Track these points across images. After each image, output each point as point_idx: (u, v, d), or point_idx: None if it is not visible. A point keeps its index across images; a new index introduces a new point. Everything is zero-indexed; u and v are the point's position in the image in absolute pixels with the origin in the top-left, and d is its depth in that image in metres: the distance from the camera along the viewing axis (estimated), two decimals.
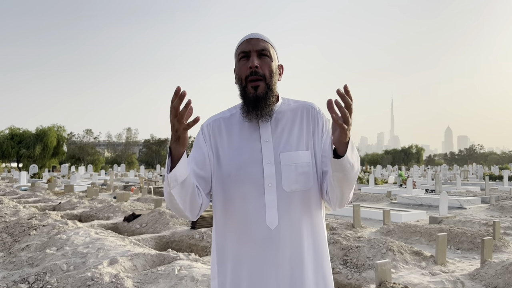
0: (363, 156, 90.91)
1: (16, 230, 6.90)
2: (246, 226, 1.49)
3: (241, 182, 1.51)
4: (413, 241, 7.99)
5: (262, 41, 1.56)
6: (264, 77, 1.52)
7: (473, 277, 5.27)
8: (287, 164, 1.51)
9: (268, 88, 1.52)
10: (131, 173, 36.79)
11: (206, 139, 1.59)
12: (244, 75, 1.53)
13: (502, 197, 16.27)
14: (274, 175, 1.50)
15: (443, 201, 10.81)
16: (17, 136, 48.87)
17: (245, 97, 1.53)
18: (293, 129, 1.57)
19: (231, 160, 1.53)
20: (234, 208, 1.51)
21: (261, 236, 1.47)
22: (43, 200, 14.43)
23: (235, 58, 1.60)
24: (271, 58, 1.56)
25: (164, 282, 4.21)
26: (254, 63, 1.50)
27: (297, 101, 1.65)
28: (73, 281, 4.28)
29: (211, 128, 1.60)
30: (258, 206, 1.49)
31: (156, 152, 72.46)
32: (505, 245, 7.51)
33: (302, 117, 1.60)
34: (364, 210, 12.00)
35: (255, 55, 1.53)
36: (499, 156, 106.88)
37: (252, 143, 1.54)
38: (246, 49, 1.54)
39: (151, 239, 7.64)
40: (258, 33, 1.59)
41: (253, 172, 1.50)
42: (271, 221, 1.48)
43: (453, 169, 52.66)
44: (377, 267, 4.67)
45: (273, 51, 1.58)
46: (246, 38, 1.57)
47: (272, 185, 1.49)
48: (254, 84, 1.51)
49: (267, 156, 1.52)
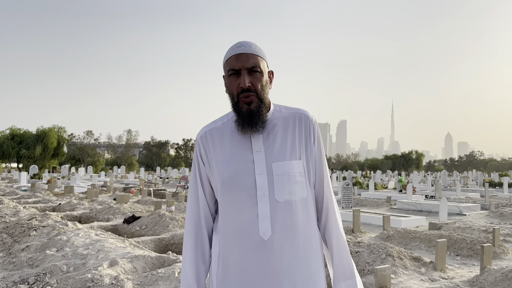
0: (363, 161, 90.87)
1: (16, 231, 6.90)
2: (239, 236, 1.50)
3: (234, 193, 1.52)
4: (413, 247, 7.99)
5: (252, 57, 1.53)
6: (256, 92, 1.52)
7: (473, 283, 5.27)
8: (279, 174, 1.51)
9: (260, 101, 1.52)
10: (131, 175, 36.78)
11: (202, 152, 1.61)
12: (235, 91, 1.53)
13: (502, 204, 16.26)
14: (266, 185, 1.50)
15: (442, 207, 10.81)
16: (17, 137, 48.87)
17: (238, 112, 1.53)
18: (285, 138, 1.57)
19: (224, 170, 1.54)
20: (227, 218, 1.53)
21: (254, 247, 1.48)
22: (43, 201, 14.43)
23: (224, 70, 1.59)
24: (262, 73, 1.54)
25: (164, 284, 4.22)
26: (245, 83, 1.49)
27: (290, 109, 1.64)
28: (73, 282, 4.28)
29: (204, 139, 1.61)
30: (251, 217, 1.49)
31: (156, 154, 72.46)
32: (505, 252, 7.51)
33: (294, 126, 1.59)
34: (364, 215, 12.00)
35: (246, 74, 1.51)
36: (499, 163, 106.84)
37: (244, 153, 1.54)
38: (236, 66, 1.52)
39: (151, 241, 7.64)
40: (247, 44, 1.55)
41: (245, 182, 1.51)
42: (264, 232, 1.48)
43: (453, 175, 52.63)
44: (376, 272, 4.67)
45: (263, 64, 1.55)
46: (235, 53, 1.53)
47: (265, 196, 1.50)
48: (247, 100, 1.51)
49: (259, 166, 1.52)
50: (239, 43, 1.55)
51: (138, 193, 19.29)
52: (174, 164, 72.57)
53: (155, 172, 51.32)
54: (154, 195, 19.27)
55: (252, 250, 1.48)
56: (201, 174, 1.62)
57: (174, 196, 17.74)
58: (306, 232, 1.53)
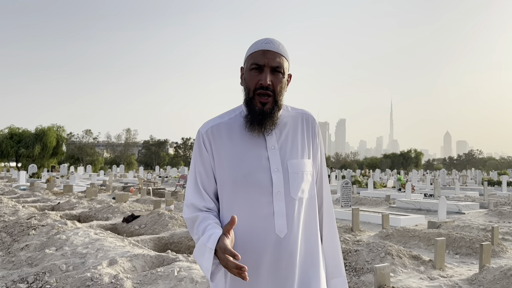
0: (362, 160, 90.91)
1: (15, 230, 6.90)
2: (254, 234, 1.47)
3: (248, 190, 1.48)
4: (412, 245, 8.00)
5: (279, 56, 1.51)
6: (274, 93, 1.50)
7: (471, 282, 5.28)
8: (294, 172, 1.52)
9: (275, 103, 1.51)
10: (130, 174, 36.77)
11: (207, 147, 1.55)
12: (253, 86, 1.50)
13: (501, 203, 16.28)
14: (282, 183, 1.49)
15: (441, 205, 10.83)
16: (16, 136, 48.81)
17: (250, 109, 1.51)
18: (296, 137, 1.58)
19: (236, 167, 1.50)
20: (241, 215, 1.48)
21: (270, 244, 1.46)
22: (42, 200, 14.42)
23: (246, 62, 1.55)
24: (284, 74, 1.52)
25: (163, 283, 4.22)
26: (267, 81, 1.47)
27: (295, 109, 1.65)
28: (73, 281, 4.28)
29: (210, 133, 1.56)
30: (267, 214, 1.47)
31: (155, 153, 72.44)
32: (504, 251, 7.52)
33: (302, 126, 1.61)
34: (363, 214, 12.01)
35: (269, 71, 1.49)
36: (497, 161, 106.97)
37: (258, 150, 1.52)
38: (261, 62, 1.49)
39: (150, 240, 7.64)
40: (275, 43, 1.53)
41: (261, 179, 1.48)
42: (280, 230, 1.47)
43: (452, 174, 52.66)
44: (376, 271, 4.68)
45: (286, 65, 1.54)
46: (263, 48, 1.51)
47: (281, 193, 1.49)
48: (263, 100, 1.49)
49: (274, 163, 1.50)
50: (267, 39, 1.53)
51: (137, 192, 19.28)
52: (173, 163, 72.54)
53: (154, 171, 51.30)
54: (153, 194, 19.27)
55: (268, 248, 1.46)
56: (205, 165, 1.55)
57: (173, 195, 17.73)
58: (314, 230, 1.57)
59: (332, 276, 1.62)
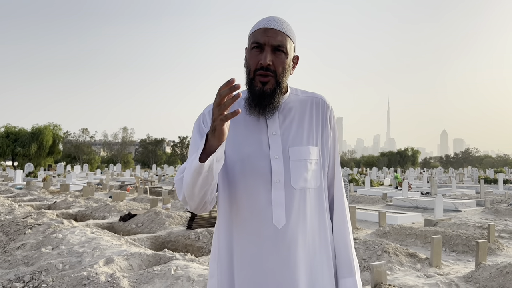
0: (359, 158, 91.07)
1: (11, 229, 6.87)
2: (251, 224, 1.40)
3: (246, 177, 1.41)
4: (409, 243, 8.02)
5: (280, 34, 1.41)
6: (275, 74, 1.40)
7: (468, 279, 5.30)
8: (296, 160, 1.43)
9: (277, 85, 1.41)
10: (127, 173, 36.71)
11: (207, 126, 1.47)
12: (253, 67, 1.41)
13: (497, 200, 16.35)
14: (282, 171, 1.41)
15: (438, 203, 10.86)
16: (12, 135, 48.63)
17: (250, 89, 1.42)
18: (302, 122, 1.48)
19: (235, 152, 1.43)
20: (239, 204, 1.42)
21: (267, 235, 1.38)
22: (39, 199, 14.38)
23: (248, 42, 1.46)
24: (287, 54, 1.42)
25: (160, 282, 4.21)
26: (266, 61, 1.38)
27: (306, 92, 1.54)
28: (69, 280, 4.27)
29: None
30: (264, 204, 1.39)
31: (152, 152, 72.32)
32: (500, 248, 7.55)
33: (311, 110, 1.50)
34: (360, 212, 12.03)
35: (269, 50, 1.39)
36: (494, 159, 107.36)
37: (258, 135, 1.44)
38: (261, 40, 1.40)
39: (147, 239, 7.63)
40: (278, 20, 1.43)
41: (259, 166, 1.41)
42: (278, 220, 1.39)
43: (449, 172, 52.83)
44: (372, 268, 4.69)
45: (290, 45, 1.43)
46: (264, 26, 1.41)
47: (280, 182, 1.40)
48: (263, 80, 1.39)
49: (274, 150, 1.42)
50: (271, 17, 1.44)
51: (134, 191, 19.25)
52: (170, 162, 72.49)
53: (151, 170, 51.25)
54: (150, 192, 19.24)
55: (264, 239, 1.38)
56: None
57: (170, 194, 17.71)
58: (319, 223, 1.46)
59: (342, 275, 1.48)
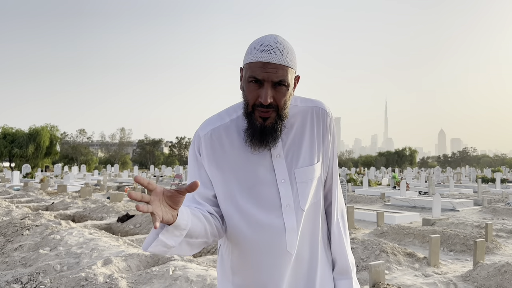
0: (357, 158, 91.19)
1: (9, 230, 6.85)
2: (263, 253, 1.33)
3: (253, 205, 1.34)
4: (407, 243, 8.03)
5: (282, 68, 1.27)
6: (277, 108, 1.30)
7: (466, 278, 5.31)
8: (303, 182, 1.37)
9: (278, 117, 1.31)
10: (125, 174, 36.69)
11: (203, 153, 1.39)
12: (252, 101, 1.30)
13: (495, 200, 16.40)
14: (291, 195, 1.35)
15: (436, 203, 10.88)
16: (9, 136, 48.53)
17: (250, 123, 1.32)
18: (304, 139, 1.41)
19: (240, 179, 1.35)
20: (247, 233, 1.34)
21: (281, 264, 1.34)
22: (36, 200, 14.34)
23: (244, 70, 1.33)
24: (288, 87, 1.30)
25: (158, 282, 4.21)
26: (267, 100, 1.26)
27: (305, 101, 1.45)
28: (67, 281, 4.26)
29: (209, 139, 1.38)
30: (277, 231, 1.33)
31: (149, 153, 72.27)
32: (497, 247, 7.57)
33: (312, 122, 1.42)
34: (358, 212, 12.05)
35: (269, 87, 1.27)
36: (491, 158, 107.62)
37: (261, 160, 1.35)
38: (260, 76, 1.26)
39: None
40: (278, 50, 1.28)
41: (267, 193, 1.34)
42: (291, 246, 1.34)
43: (446, 172, 52.95)
44: (371, 268, 4.69)
45: (291, 75, 1.31)
46: (262, 60, 1.27)
47: (290, 206, 1.34)
48: (263, 115, 1.29)
49: (280, 173, 1.35)
50: (268, 46, 1.28)
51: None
52: (168, 162, 72.42)
53: (149, 171, 51.17)
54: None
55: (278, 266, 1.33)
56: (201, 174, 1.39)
57: None
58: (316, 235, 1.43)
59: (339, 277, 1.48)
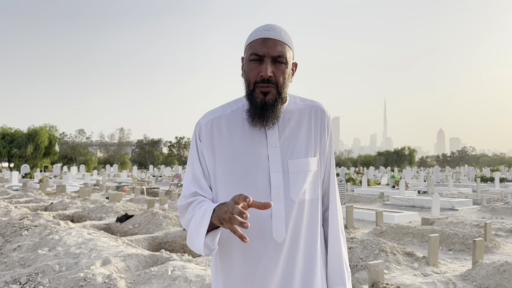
0: (356, 158, 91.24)
1: (7, 231, 6.84)
2: (250, 238, 1.37)
3: (244, 190, 1.38)
4: (406, 242, 8.03)
5: (280, 44, 1.38)
6: (277, 85, 1.38)
7: (465, 278, 5.31)
8: (295, 172, 1.41)
9: (278, 95, 1.38)
10: (124, 174, 36.67)
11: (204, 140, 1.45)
12: (254, 79, 1.38)
13: (494, 199, 16.41)
14: (282, 184, 1.39)
15: (435, 202, 10.88)
16: (8, 136, 48.47)
17: (251, 101, 1.39)
18: (300, 132, 1.46)
19: (233, 165, 1.40)
20: None
21: (267, 250, 1.37)
22: (35, 200, 14.32)
23: (246, 52, 1.43)
24: (287, 64, 1.40)
25: (157, 282, 4.20)
26: (267, 73, 1.35)
27: (304, 100, 1.52)
28: (66, 282, 4.25)
29: (209, 127, 1.45)
30: (264, 218, 1.37)
31: (149, 153, 72.23)
32: (496, 246, 7.58)
33: (310, 120, 1.48)
34: (357, 211, 12.05)
35: (269, 62, 1.37)
36: (490, 158, 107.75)
37: (257, 147, 1.41)
38: (260, 52, 1.36)
39: (144, 240, 7.61)
40: (276, 29, 1.40)
41: (259, 180, 1.38)
42: (278, 234, 1.37)
43: (445, 171, 52.97)
44: (370, 268, 4.69)
45: (289, 54, 1.41)
46: (262, 36, 1.38)
47: (280, 195, 1.39)
48: (264, 90, 1.37)
49: (274, 163, 1.40)
50: (267, 26, 1.40)
51: (131, 192, 19.21)
52: (167, 162, 72.39)
53: (148, 171, 51.14)
54: (147, 193, 19.21)
55: (264, 253, 1.37)
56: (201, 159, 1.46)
57: (167, 195, 17.69)
58: (314, 234, 1.45)
59: (333, 283, 1.49)
